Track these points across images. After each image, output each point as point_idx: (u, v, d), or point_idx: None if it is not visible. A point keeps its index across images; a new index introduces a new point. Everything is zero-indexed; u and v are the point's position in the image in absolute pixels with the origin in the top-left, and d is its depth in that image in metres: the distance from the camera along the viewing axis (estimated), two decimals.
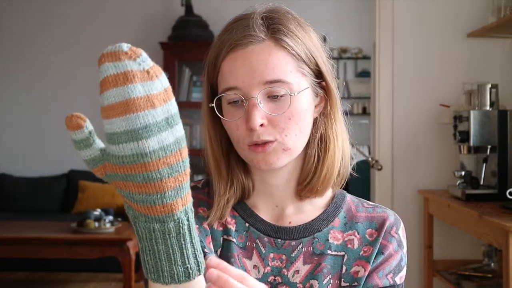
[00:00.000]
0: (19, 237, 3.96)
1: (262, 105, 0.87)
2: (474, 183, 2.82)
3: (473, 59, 3.29)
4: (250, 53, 0.87)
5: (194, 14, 5.63)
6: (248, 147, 0.89)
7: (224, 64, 0.89)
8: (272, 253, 0.93)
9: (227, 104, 0.90)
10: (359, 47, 6.09)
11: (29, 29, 5.91)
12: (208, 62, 0.93)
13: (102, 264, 4.71)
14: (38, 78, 5.92)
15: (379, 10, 3.34)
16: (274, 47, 0.88)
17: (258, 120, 0.87)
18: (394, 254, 0.94)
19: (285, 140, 0.88)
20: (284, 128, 0.88)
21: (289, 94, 0.88)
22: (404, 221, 0.98)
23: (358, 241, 0.95)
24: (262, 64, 0.87)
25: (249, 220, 0.95)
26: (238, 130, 0.89)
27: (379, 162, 3.23)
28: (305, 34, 0.92)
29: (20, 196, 5.53)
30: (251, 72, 0.87)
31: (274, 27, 0.89)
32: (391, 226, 0.96)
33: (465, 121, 2.86)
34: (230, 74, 0.88)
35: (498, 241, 2.32)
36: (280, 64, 0.88)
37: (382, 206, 1.00)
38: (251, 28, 0.88)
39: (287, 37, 0.89)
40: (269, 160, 0.89)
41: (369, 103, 5.40)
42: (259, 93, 0.87)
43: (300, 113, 0.89)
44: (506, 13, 2.89)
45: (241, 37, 0.88)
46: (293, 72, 0.89)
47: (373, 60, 3.49)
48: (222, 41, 0.90)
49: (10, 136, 5.94)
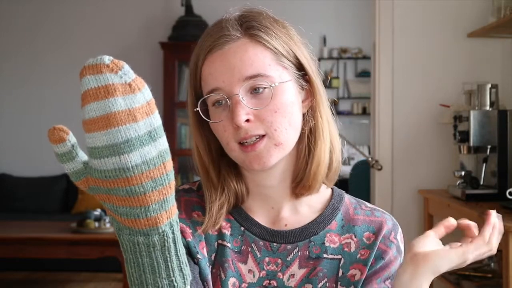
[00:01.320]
0: (19, 237, 3.96)
1: (246, 101, 0.87)
2: (474, 183, 2.82)
3: (473, 59, 3.29)
4: (227, 52, 0.88)
5: (194, 14, 5.63)
6: (238, 148, 0.88)
7: (204, 67, 0.90)
8: (267, 257, 0.93)
9: (212, 107, 0.90)
10: (359, 47, 6.09)
11: (29, 29, 5.91)
12: (190, 70, 0.93)
13: (102, 264, 4.71)
14: (38, 78, 5.92)
15: (379, 10, 3.34)
16: (250, 43, 0.88)
17: (243, 116, 0.86)
18: (394, 260, 0.94)
19: (275, 134, 0.87)
20: (272, 121, 0.87)
21: (270, 85, 0.87)
22: (404, 221, 0.99)
23: (355, 244, 0.94)
24: (239, 60, 0.87)
25: (244, 224, 0.94)
26: (226, 131, 0.88)
27: (379, 162, 3.23)
28: (281, 29, 0.92)
29: (20, 196, 5.53)
30: (229, 70, 0.87)
31: (248, 24, 0.90)
32: (389, 231, 0.96)
33: (465, 121, 2.86)
34: (211, 76, 0.88)
35: None
36: (257, 58, 0.88)
37: (380, 210, 0.99)
38: (225, 28, 0.89)
39: (261, 32, 0.89)
40: (262, 158, 0.88)
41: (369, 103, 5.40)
42: (240, 89, 0.87)
43: (286, 105, 0.88)
44: (506, 13, 2.89)
45: (217, 38, 0.89)
46: (272, 66, 0.88)
47: (373, 60, 3.49)
48: (200, 47, 0.91)
49: (10, 136, 5.94)
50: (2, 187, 5.60)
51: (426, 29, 3.31)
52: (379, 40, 3.35)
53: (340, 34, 6.10)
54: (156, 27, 5.88)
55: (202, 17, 5.61)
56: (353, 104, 6.21)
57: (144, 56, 5.89)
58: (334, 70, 6.19)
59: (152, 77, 5.88)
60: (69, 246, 3.89)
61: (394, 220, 0.98)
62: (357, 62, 6.17)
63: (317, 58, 4.93)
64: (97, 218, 4.05)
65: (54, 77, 5.91)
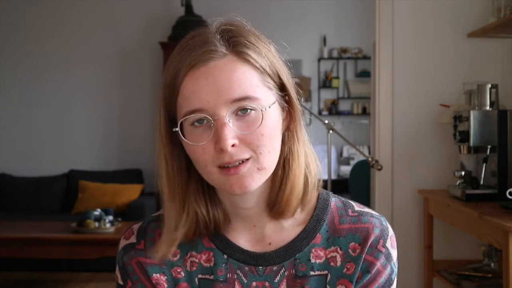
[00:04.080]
0: (19, 237, 3.96)
1: (232, 123, 0.81)
2: (474, 183, 2.82)
3: (473, 59, 3.29)
4: (212, 69, 0.81)
5: (194, 14, 5.63)
6: (218, 170, 0.83)
7: (185, 84, 0.82)
8: (254, 282, 0.90)
9: (190, 126, 0.83)
10: (359, 47, 6.09)
11: (29, 30, 5.91)
12: (165, 84, 0.85)
13: (102, 264, 4.71)
14: (38, 78, 5.92)
15: (379, 10, 3.33)
16: (237, 61, 0.82)
17: (230, 141, 0.80)
18: (382, 270, 0.90)
19: (260, 158, 0.83)
20: (258, 145, 0.82)
21: (260, 109, 0.82)
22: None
23: (340, 258, 0.90)
24: (227, 81, 0.81)
25: (226, 251, 0.90)
26: (205, 154, 0.82)
27: (379, 162, 3.23)
28: (265, 46, 0.87)
29: (20, 196, 5.53)
30: (216, 90, 0.81)
31: (235, 40, 0.84)
32: (377, 240, 0.90)
33: (465, 121, 2.86)
34: (193, 94, 0.81)
35: (498, 241, 2.32)
36: (246, 79, 0.82)
37: (369, 213, 0.93)
38: (211, 43, 0.83)
39: (249, 50, 0.84)
40: (244, 183, 0.83)
41: (369, 103, 5.40)
42: (227, 111, 0.81)
43: (272, 129, 0.84)
44: (506, 13, 2.89)
45: (201, 53, 0.82)
46: (260, 87, 0.83)
47: (373, 60, 3.49)
48: (180, 60, 0.83)
49: (10, 136, 5.94)
50: (2, 187, 5.60)
51: (426, 29, 3.30)
52: (379, 40, 3.35)
53: (340, 34, 6.10)
54: (156, 27, 5.88)
55: (202, 17, 5.61)
56: (353, 104, 6.21)
57: (144, 56, 5.90)
58: (334, 70, 6.19)
59: (152, 77, 5.88)
60: (69, 246, 3.89)
61: (384, 223, 0.93)
62: (357, 62, 6.17)
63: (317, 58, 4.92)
64: (97, 218, 4.05)
65: (55, 77, 5.91)
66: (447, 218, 2.95)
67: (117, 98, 5.92)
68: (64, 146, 5.91)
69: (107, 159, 5.92)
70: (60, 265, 4.87)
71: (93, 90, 5.91)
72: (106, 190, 5.38)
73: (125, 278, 0.92)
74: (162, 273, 0.91)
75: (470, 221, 2.61)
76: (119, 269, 0.93)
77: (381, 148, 3.34)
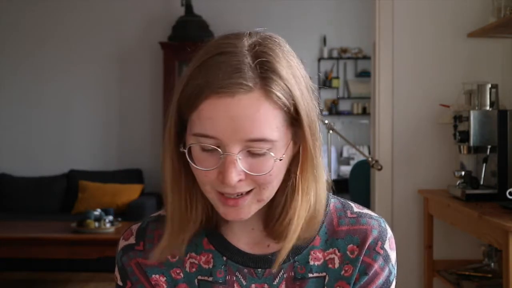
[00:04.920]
0: (19, 237, 3.96)
1: (241, 160, 0.79)
2: (474, 183, 2.82)
3: (473, 59, 3.29)
4: (236, 104, 0.77)
5: (194, 14, 5.63)
6: (217, 194, 0.82)
7: (205, 107, 0.78)
8: (253, 284, 0.89)
9: (199, 150, 0.80)
10: (359, 47, 6.09)
11: (29, 29, 5.91)
12: (183, 91, 0.81)
13: (102, 264, 4.71)
14: (38, 78, 5.92)
15: (379, 10, 3.34)
16: (264, 100, 0.78)
17: (235, 178, 0.78)
18: (380, 272, 0.89)
19: (262, 192, 0.82)
20: (263, 183, 0.81)
21: (273, 158, 0.79)
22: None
23: (339, 260, 0.89)
24: (248, 120, 0.77)
25: (225, 253, 0.90)
26: (207, 177, 0.80)
27: (379, 162, 3.23)
28: (293, 77, 0.82)
29: (20, 196, 5.53)
30: (234, 126, 0.77)
31: (266, 75, 0.78)
32: (375, 242, 0.89)
33: (465, 121, 2.86)
34: (211, 121, 0.77)
35: (498, 241, 2.32)
36: (267, 120, 0.78)
37: (367, 214, 0.92)
38: (241, 72, 0.77)
39: (278, 87, 0.79)
40: (239, 214, 0.82)
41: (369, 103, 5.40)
42: (239, 150, 0.78)
43: (281, 168, 0.82)
44: (506, 13, 2.89)
45: (229, 84, 0.77)
46: (279, 128, 0.80)
47: (373, 60, 3.49)
48: (206, 79, 0.78)
49: (10, 136, 5.94)
50: (2, 187, 5.59)
51: (426, 29, 3.31)
52: (379, 40, 3.35)
53: (340, 34, 6.10)
54: (156, 27, 5.88)
55: (202, 17, 5.61)
56: (353, 104, 6.21)
57: (144, 56, 5.90)
58: (334, 70, 6.19)
59: (152, 77, 5.88)
60: (69, 246, 3.90)
61: (383, 224, 0.91)
62: (357, 62, 6.17)
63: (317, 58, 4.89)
64: (97, 218, 4.05)
65: (55, 77, 5.91)
66: (447, 218, 2.95)
67: (117, 98, 5.92)
68: (64, 146, 5.91)
69: (107, 159, 5.92)
70: (60, 265, 4.87)
71: (93, 90, 5.91)
72: (106, 190, 5.38)
73: (124, 279, 0.93)
74: (161, 274, 0.91)
75: (470, 221, 2.61)
76: (118, 270, 0.93)
77: (381, 148, 3.34)
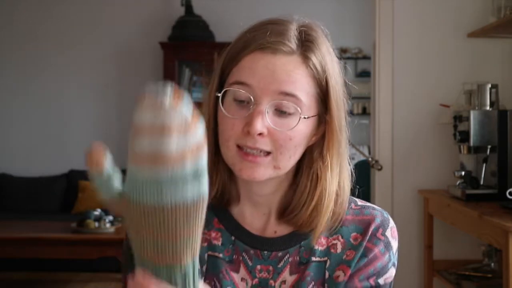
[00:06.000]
0: (19, 237, 3.96)
1: (268, 115, 0.84)
2: (474, 183, 2.82)
3: (473, 59, 3.29)
4: (276, 60, 0.84)
5: (194, 14, 5.63)
6: (236, 150, 0.85)
7: (247, 59, 0.85)
8: (259, 265, 0.92)
9: (232, 100, 0.86)
10: (359, 47, 6.09)
11: (30, 29, 5.91)
12: (229, 51, 0.88)
13: (102, 264, 4.71)
14: (38, 78, 5.92)
15: (379, 10, 3.34)
16: (301, 64, 0.86)
17: (259, 127, 0.83)
18: (380, 256, 0.91)
19: (279, 158, 0.85)
20: (282, 145, 0.85)
21: (299, 114, 0.85)
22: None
23: (341, 245, 0.92)
24: (285, 74, 0.84)
25: (234, 233, 0.93)
26: (232, 130, 0.85)
27: (379, 162, 3.23)
28: (330, 58, 0.90)
29: (20, 196, 5.53)
30: (271, 77, 0.84)
31: (308, 44, 0.87)
32: (377, 228, 0.92)
33: (465, 121, 2.86)
34: (250, 70, 0.84)
35: (498, 241, 2.32)
36: (302, 81, 0.85)
37: (371, 206, 0.96)
38: (286, 36, 0.86)
39: (316, 58, 0.87)
40: (254, 173, 0.85)
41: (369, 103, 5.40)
42: (270, 102, 0.84)
43: (301, 137, 0.86)
44: (506, 13, 2.89)
45: (273, 42, 0.85)
46: (309, 95, 0.86)
47: (373, 60, 3.50)
48: (253, 37, 0.86)
49: (10, 136, 5.94)
50: (2, 187, 5.59)
51: (426, 29, 3.30)
52: (379, 40, 3.35)
53: (340, 34, 6.10)
54: (156, 27, 5.88)
55: (202, 17, 5.61)
56: (353, 104, 6.21)
57: (144, 56, 5.89)
58: None
59: (152, 77, 5.87)
60: (69, 246, 3.89)
61: (386, 215, 0.95)
62: (357, 62, 6.17)
63: None
64: (97, 218, 4.05)
65: (55, 77, 5.91)
66: (447, 218, 2.95)
67: (117, 98, 5.92)
68: (64, 146, 5.91)
69: None
70: (60, 265, 4.88)
71: (93, 90, 5.90)
72: None
73: None
74: None
75: (470, 221, 2.61)
76: None
77: (381, 148, 3.34)
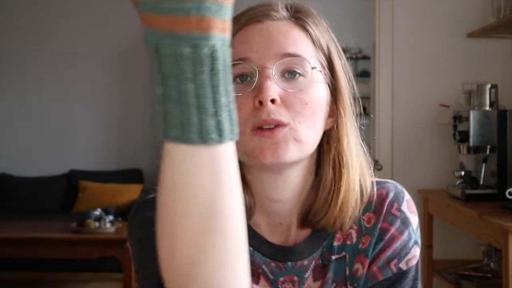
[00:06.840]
0: (19, 237, 3.96)
1: (276, 80, 0.75)
2: (473, 183, 2.82)
3: (473, 59, 3.29)
4: (269, 26, 0.78)
5: None
6: (252, 132, 0.74)
7: (238, 35, 0.78)
8: (281, 277, 0.82)
9: (236, 81, 0.77)
10: (359, 47, 6.09)
11: (29, 29, 5.91)
12: None
13: (102, 264, 4.71)
14: (38, 78, 5.92)
15: (379, 10, 3.34)
16: (295, 26, 0.79)
17: (271, 92, 0.73)
18: (398, 235, 0.81)
19: (298, 127, 0.75)
20: (299, 112, 0.75)
21: (309, 74, 0.76)
22: None
23: (356, 233, 0.83)
24: (282, 36, 0.77)
25: (252, 242, 0.81)
26: (242, 109, 0.74)
27: (378, 162, 3.23)
28: (326, 28, 0.85)
29: (20, 196, 5.53)
30: (268, 42, 0.76)
31: (297, 10, 0.82)
32: (391, 204, 0.83)
33: (464, 121, 2.86)
34: (244, 44, 0.77)
35: (498, 241, 2.32)
36: (301, 41, 0.78)
37: (382, 181, 0.86)
38: (274, 6, 0.80)
39: (309, 20, 0.81)
40: (278, 150, 0.74)
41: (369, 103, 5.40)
42: (275, 64, 0.75)
43: (317, 103, 0.77)
44: (506, 13, 2.89)
45: (262, 10, 0.79)
46: (313, 57, 0.78)
47: (373, 60, 3.49)
48: (239, 17, 0.80)
49: (10, 136, 5.94)
50: (2, 187, 5.60)
51: (426, 29, 3.31)
52: (379, 40, 3.35)
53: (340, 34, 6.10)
54: None
55: None
56: None
57: (144, 56, 5.89)
58: None
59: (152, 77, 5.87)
60: (69, 246, 3.89)
61: (399, 187, 0.86)
62: (357, 62, 6.17)
63: None
64: (97, 218, 4.05)
65: (55, 77, 5.91)
66: (447, 218, 2.95)
67: (117, 98, 5.92)
68: (64, 146, 5.91)
69: (107, 159, 5.92)
70: (60, 265, 4.88)
71: (93, 90, 5.91)
72: (106, 190, 5.38)
73: None
74: None
75: (470, 221, 2.61)
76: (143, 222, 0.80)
77: (381, 148, 3.34)
